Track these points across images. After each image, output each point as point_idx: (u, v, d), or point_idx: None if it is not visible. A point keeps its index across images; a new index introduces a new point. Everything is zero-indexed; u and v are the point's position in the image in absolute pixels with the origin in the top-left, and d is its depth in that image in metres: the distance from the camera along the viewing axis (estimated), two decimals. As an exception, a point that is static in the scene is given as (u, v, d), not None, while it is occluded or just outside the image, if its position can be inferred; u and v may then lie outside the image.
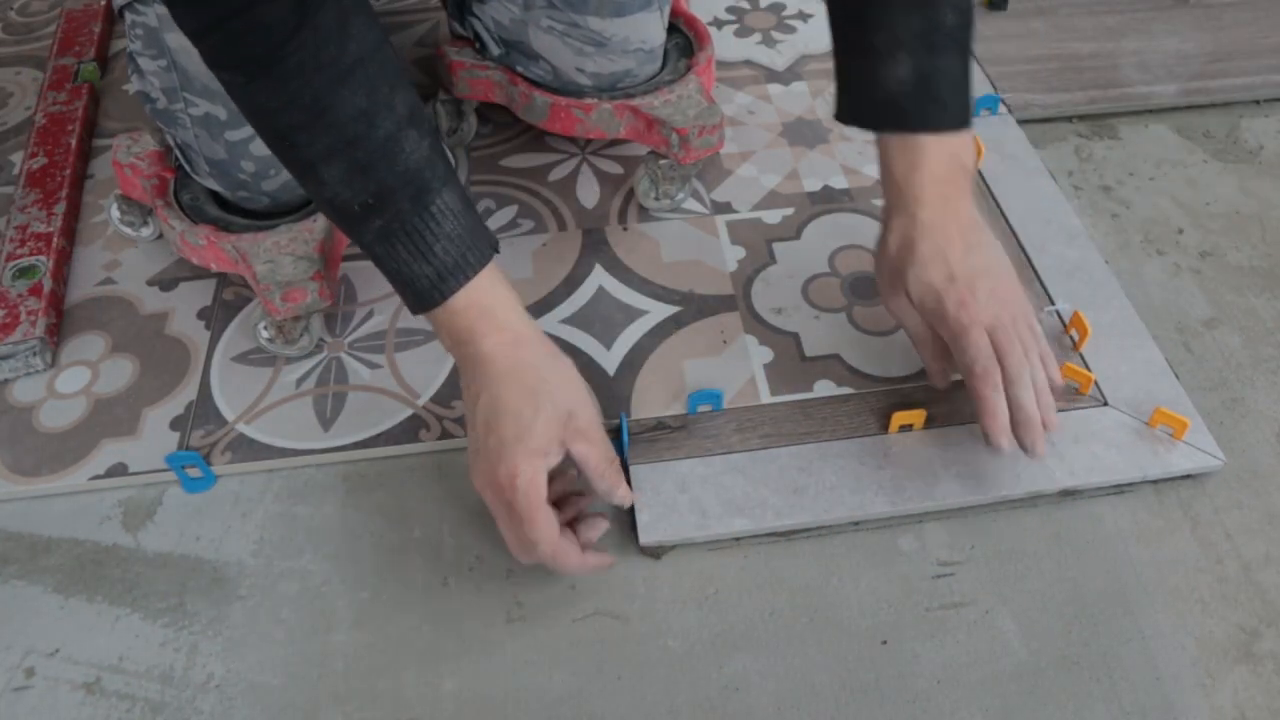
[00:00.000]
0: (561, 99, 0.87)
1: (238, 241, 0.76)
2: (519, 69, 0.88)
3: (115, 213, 0.88)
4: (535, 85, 0.88)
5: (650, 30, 0.85)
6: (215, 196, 0.81)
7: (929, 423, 0.72)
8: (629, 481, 0.70)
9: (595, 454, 0.62)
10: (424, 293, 0.60)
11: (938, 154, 0.65)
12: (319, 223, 0.77)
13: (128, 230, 0.89)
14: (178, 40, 0.68)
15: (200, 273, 0.87)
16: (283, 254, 0.75)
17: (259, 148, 0.73)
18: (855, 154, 0.95)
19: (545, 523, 0.59)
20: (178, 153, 0.79)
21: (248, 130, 0.72)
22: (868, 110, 0.66)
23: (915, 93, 0.63)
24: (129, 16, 0.71)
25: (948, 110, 0.64)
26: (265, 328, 0.78)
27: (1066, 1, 1.14)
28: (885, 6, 0.62)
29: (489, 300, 0.61)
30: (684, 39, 0.95)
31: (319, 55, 0.54)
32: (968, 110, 0.65)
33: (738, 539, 0.68)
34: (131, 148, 0.83)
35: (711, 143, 0.85)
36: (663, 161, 0.88)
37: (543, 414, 0.60)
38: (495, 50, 0.88)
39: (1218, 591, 0.65)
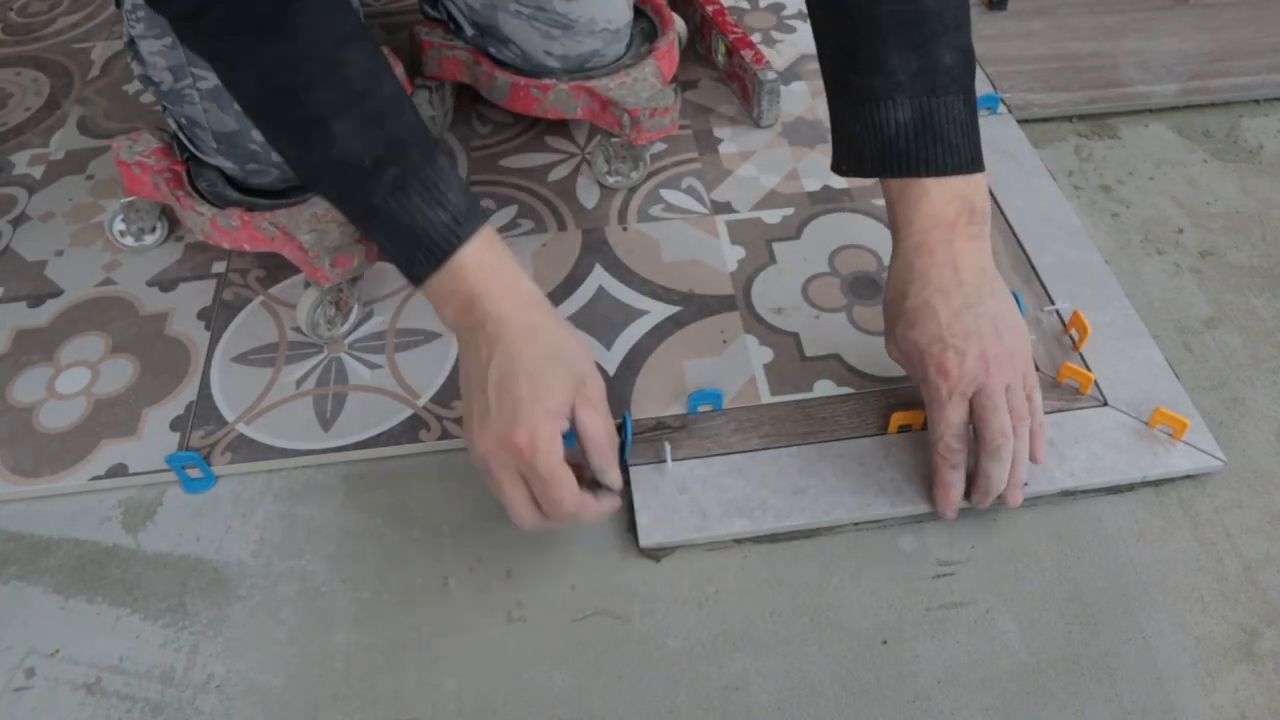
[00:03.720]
0: (521, 79, 0.89)
1: (274, 218, 0.76)
2: (491, 51, 0.90)
3: (118, 225, 0.88)
4: (499, 65, 0.90)
5: (615, 11, 0.87)
6: (229, 179, 0.81)
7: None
8: (628, 481, 0.70)
9: (600, 426, 0.61)
10: (439, 241, 0.59)
11: (942, 196, 0.61)
12: None
13: (130, 241, 0.89)
14: None
15: (200, 273, 0.87)
16: (326, 222, 0.76)
17: None
18: (855, 154, 0.95)
19: (568, 479, 0.59)
20: (183, 137, 0.79)
21: None
22: (868, 157, 0.63)
23: (917, 134, 0.61)
24: (128, 0, 0.70)
25: (953, 151, 0.61)
26: (325, 308, 0.78)
27: (1066, 1, 1.14)
28: (879, 47, 0.60)
29: (496, 259, 0.61)
30: (650, 24, 0.97)
31: (322, 17, 0.57)
32: (976, 151, 0.62)
33: (738, 540, 0.68)
34: (133, 146, 0.82)
35: (663, 124, 0.87)
36: (614, 140, 0.90)
37: (558, 376, 0.59)
38: (469, 32, 0.91)
39: (1218, 591, 0.65)
